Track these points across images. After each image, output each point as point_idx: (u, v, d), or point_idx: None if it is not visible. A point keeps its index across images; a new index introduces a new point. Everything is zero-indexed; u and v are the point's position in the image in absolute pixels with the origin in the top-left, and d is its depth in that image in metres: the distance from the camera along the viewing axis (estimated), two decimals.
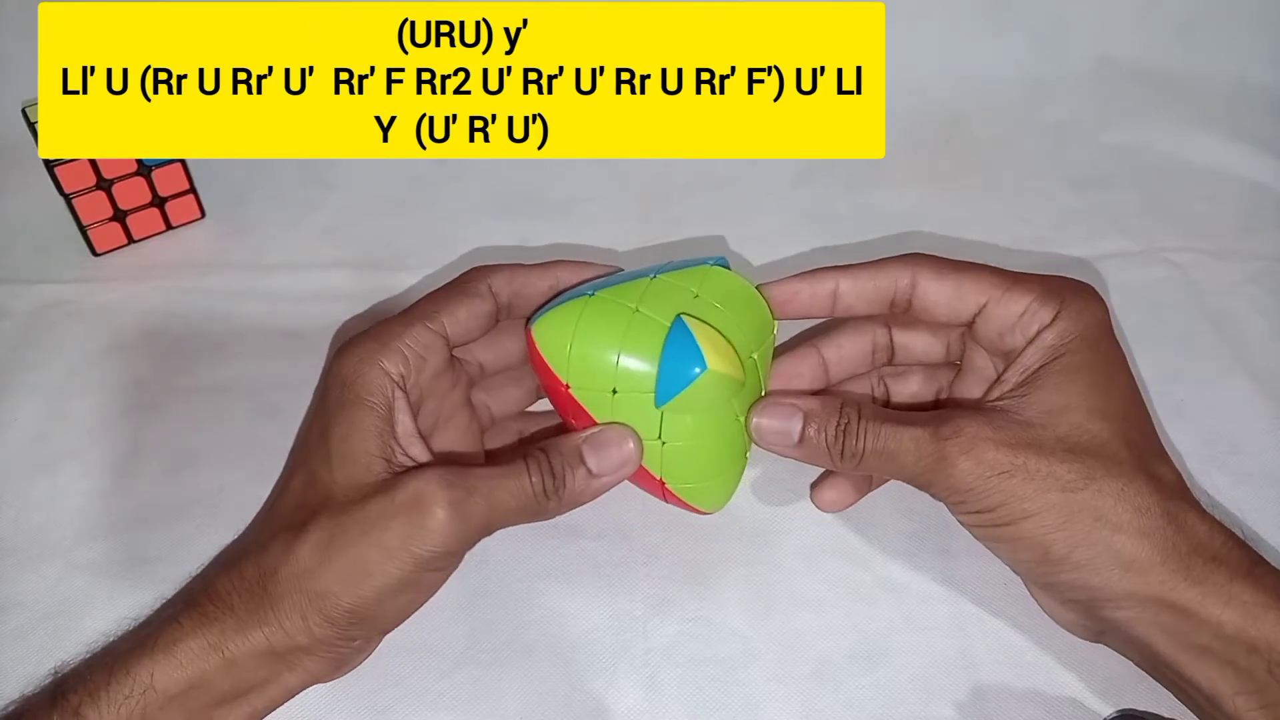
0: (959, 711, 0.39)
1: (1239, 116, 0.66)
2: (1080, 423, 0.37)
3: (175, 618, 0.36)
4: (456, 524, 0.35)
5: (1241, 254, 0.58)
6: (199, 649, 0.35)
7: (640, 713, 0.39)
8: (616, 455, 0.38)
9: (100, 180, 0.55)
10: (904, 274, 0.40)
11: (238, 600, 0.35)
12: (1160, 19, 0.69)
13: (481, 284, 0.41)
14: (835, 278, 0.41)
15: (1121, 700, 0.39)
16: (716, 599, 0.43)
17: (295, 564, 0.35)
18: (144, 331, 0.53)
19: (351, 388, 0.37)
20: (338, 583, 0.34)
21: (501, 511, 0.36)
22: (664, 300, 0.39)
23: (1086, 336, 0.38)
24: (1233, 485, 0.46)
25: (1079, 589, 0.36)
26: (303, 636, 0.35)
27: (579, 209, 0.61)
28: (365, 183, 0.62)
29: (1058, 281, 0.40)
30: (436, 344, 0.39)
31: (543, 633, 0.42)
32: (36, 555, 0.44)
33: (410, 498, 0.34)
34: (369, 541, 0.34)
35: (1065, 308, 0.38)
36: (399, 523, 0.34)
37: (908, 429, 0.37)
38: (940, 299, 0.40)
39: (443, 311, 0.40)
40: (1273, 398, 0.50)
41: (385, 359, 0.38)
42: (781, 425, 0.38)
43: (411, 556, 0.34)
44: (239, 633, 0.35)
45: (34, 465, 0.47)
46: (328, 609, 0.35)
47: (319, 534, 0.35)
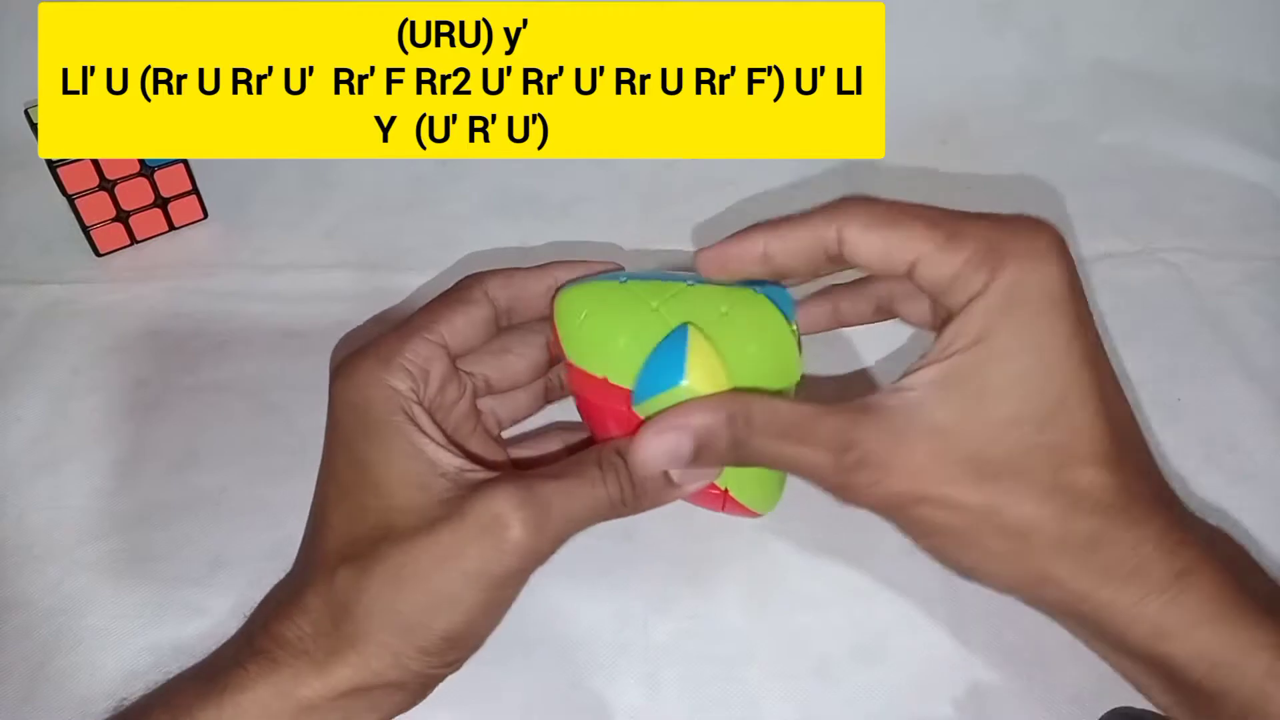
0: (957, 709, 0.39)
1: (1236, 117, 0.66)
2: (994, 435, 0.32)
3: (240, 664, 0.34)
4: (534, 540, 0.33)
5: (1239, 254, 0.58)
6: (269, 696, 0.33)
7: (640, 710, 0.40)
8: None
9: (103, 181, 0.55)
10: (829, 227, 0.35)
11: (311, 644, 0.33)
12: (1158, 20, 0.69)
13: (477, 290, 0.39)
14: (763, 237, 0.36)
15: (1118, 698, 0.39)
16: (717, 597, 0.43)
17: (370, 600, 0.33)
18: (146, 331, 0.53)
19: (369, 411, 0.36)
20: (423, 614, 0.33)
21: (577, 521, 0.34)
22: (688, 307, 0.37)
23: (1020, 315, 0.33)
24: (1230, 485, 0.46)
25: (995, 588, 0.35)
26: (393, 672, 0.33)
27: (579, 209, 0.61)
28: (367, 183, 0.62)
29: (1004, 232, 0.33)
30: (437, 355, 0.38)
31: (544, 630, 0.42)
32: (39, 554, 0.44)
33: (484, 519, 0.33)
34: (448, 569, 0.33)
35: (1001, 272, 0.33)
36: (476, 546, 0.33)
37: (804, 449, 0.33)
38: (870, 255, 0.35)
39: (440, 321, 0.38)
40: (1270, 397, 0.50)
41: (390, 376, 0.36)
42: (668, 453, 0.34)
43: (492, 578, 0.33)
44: (316, 676, 0.33)
45: (37, 464, 0.47)
46: (420, 641, 0.33)
47: (389, 566, 0.33)
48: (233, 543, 0.44)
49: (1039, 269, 0.33)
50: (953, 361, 0.33)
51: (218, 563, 0.44)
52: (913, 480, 0.32)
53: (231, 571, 0.43)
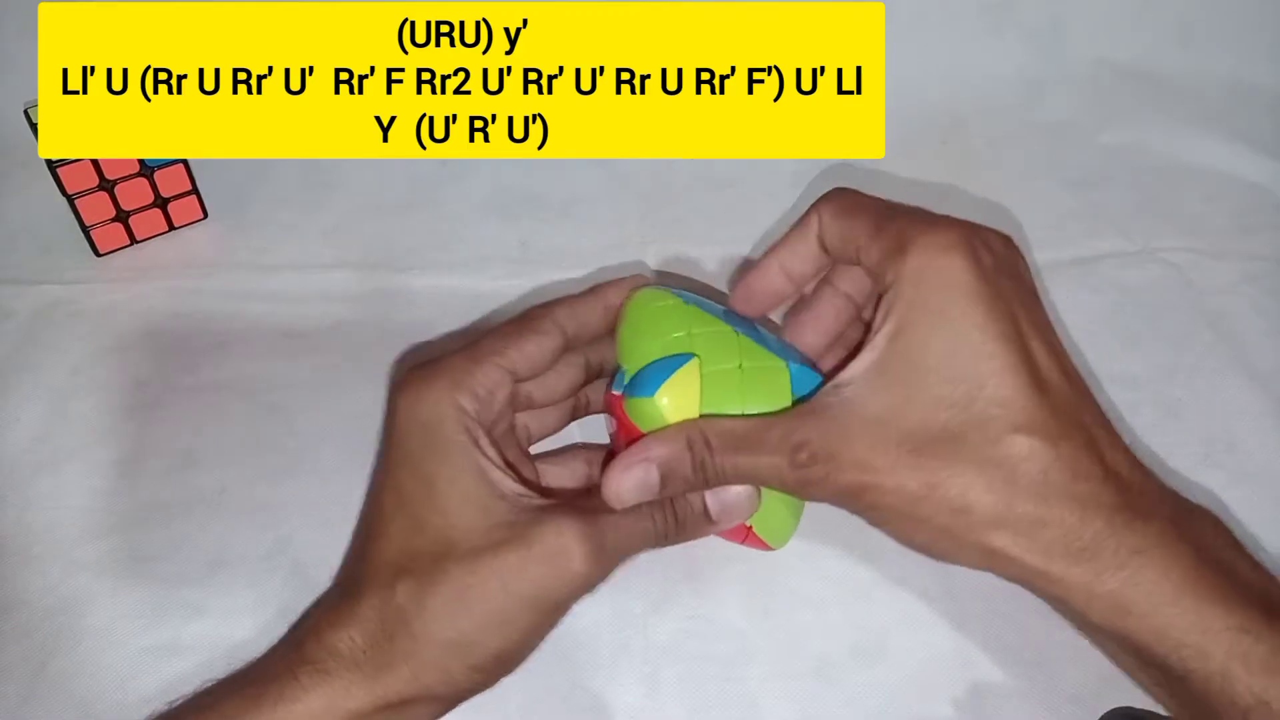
0: (957, 709, 0.39)
1: (1236, 117, 0.66)
2: (924, 417, 0.34)
3: (291, 673, 0.34)
4: (592, 571, 0.35)
5: (1238, 254, 0.58)
6: (320, 708, 0.33)
7: (640, 710, 0.40)
8: (735, 504, 0.38)
9: (103, 181, 0.55)
10: (813, 218, 0.39)
11: (362, 656, 0.34)
12: (1157, 20, 0.69)
13: (546, 320, 0.40)
14: (774, 258, 0.40)
15: (1119, 698, 0.39)
16: (716, 597, 0.43)
17: (429, 616, 0.34)
18: (146, 332, 0.53)
19: (438, 430, 0.36)
20: (481, 632, 0.34)
21: (627, 553, 0.36)
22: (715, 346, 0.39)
23: (931, 300, 0.34)
24: (1229, 484, 0.46)
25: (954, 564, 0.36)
26: (441, 687, 0.34)
27: (579, 209, 0.61)
28: (367, 184, 0.62)
29: (916, 228, 0.35)
30: (504, 380, 0.38)
31: None
32: (39, 554, 0.44)
33: (551, 548, 0.34)
34: (508, 592, 0.34)
35: (904, 264, 0.35)
36: (539, 572, 0.34)
37: (761, 456, 0.35)
38: (832, 241, 0.38)
39: (512, 348, 0.39)
40: (1269, 397, 0.50)
41: (461, 397, 0.37)
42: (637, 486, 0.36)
43: (549, 604, 0.35)
44: (365, 689, 0.33)
45: (36, 464, 0.47)
46: (473, 659, 0.34)
47: (451, 585, 0.34)
48: (232, 543, 0.44)
49: (940, 260, 0.34)
50: (879, 351, 0.35)
51: (217, 563, 0.44)
52: (859, 469, 0.34)
53: (231, 571, 0.43)
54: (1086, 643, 0.40)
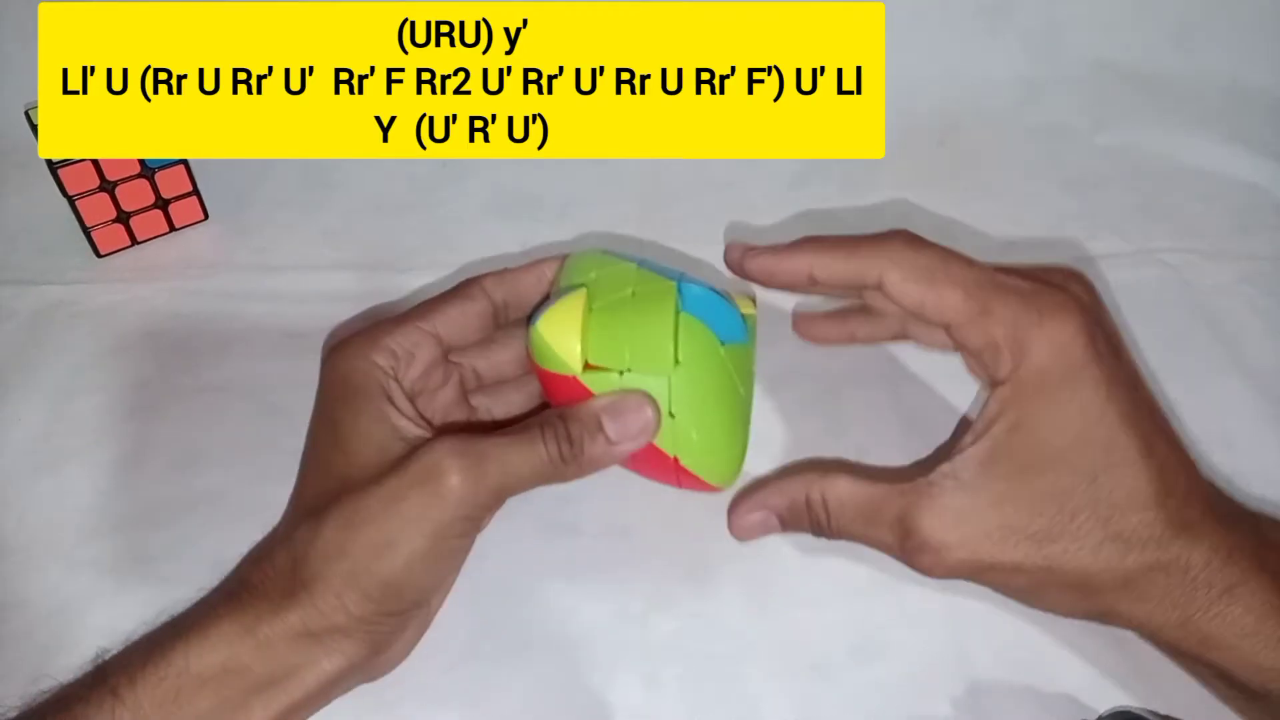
0: (955, 708, 0.40)
1: (1233, 118, 0.66)
2: (1041, 507, 0.36)
3: (211, 606, 0.37)
4: (471, 489, 0.35)
5: (1235, 255, 0.58)
6: (232, 632, 0.35)
7: (639, 709, 0.40)
8: (635, 421, 0.38)
9: (103, 182, 0.55)
10: (873, 267, 0.38)
11: (270, 586, 0.36)
12: (1155, 21, 0.69)
13: (475, 287, 0.42)
14: (810, 257, 0.40)
15: (1119, 698, 0.39)
16: (715, 596, 0.43)
17: (322, 545, 0.35)
18: (147, 332, 0.53)
19: (347, 381, 0.39)
20: (365, 557, 0.35)
21: (516, 476, 0.37)
22: (612, 278, 0.40)
23: (1052, 391, 0.36)
24: (1226, 484, 0.46)
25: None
26: (339, 615, 0.35)
27: (579, 209, 0.61)
28: (367, 184, 0.62)
29: (1032, 311, 0.36)
30: (425, 341, 0.40)
31: (543, 629, 0.42)
32: (40, 555, 0.44)
33: (424, 468, 0.35)
34: (389, 514, 0.35)
35: (1026, 358, 0.36)
36: (415, 493, 0.35)
37: (875, 531, 0.38)
38: (908, 304, 0.38)
39: (434, 312, 0.41)
40: (1266, 397, 0.50)
41: (374, 353, 0.39)
42: (759, 525, 0.41)
43: (431, 525, 0.35)
44: (273, 615, 0.35)
45: (37, 465, 0.47)
46: (361, 584, 0.35)
47: (340, 514, 0.36)
48: (233, 544, 0.44)
49: (1062, 358, 0.36)
50: (994, 442, 0.37)
51: (218, 564, 0.43)
52: (973, 554, 0.37)
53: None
54: (1086, 643, 0.41)
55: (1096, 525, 0.36)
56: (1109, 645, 0.40)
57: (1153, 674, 0.40)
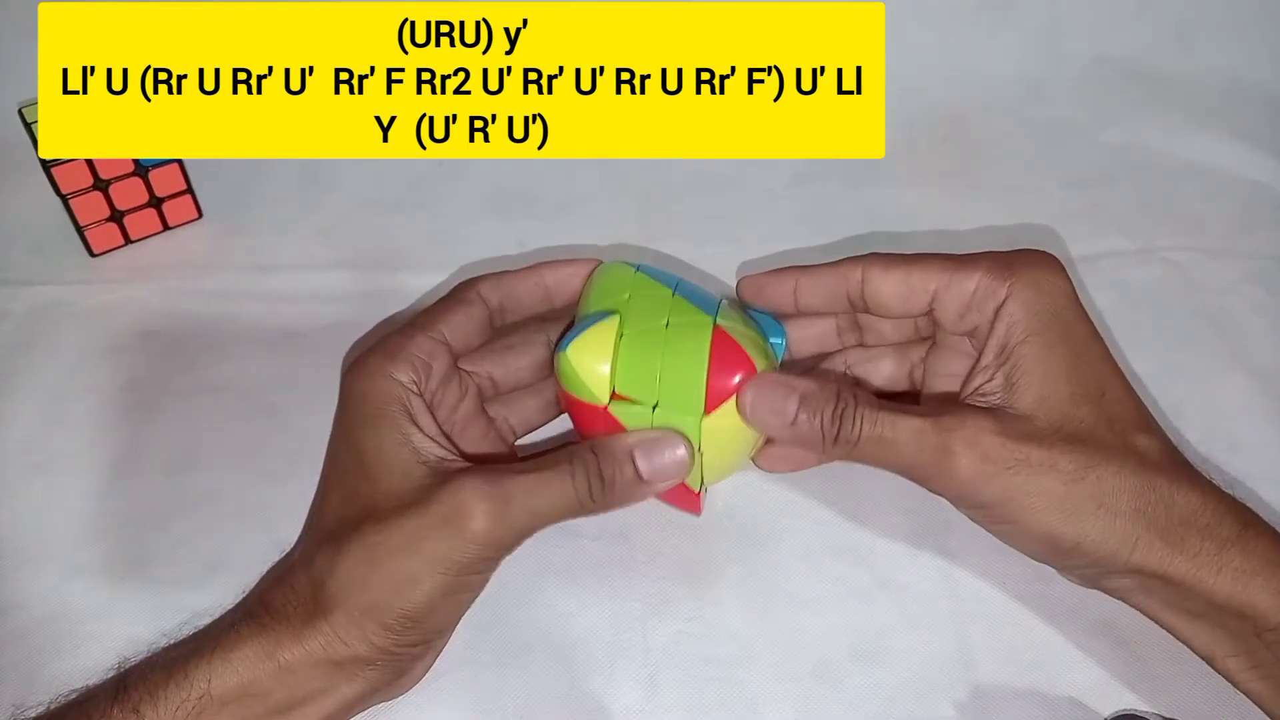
0: (958, 711, 0.39)
1: (1236, 115, 0.66)
2: (1068, 411, 0.37)
3: (233, 625, 0.36)
4: (495, 531, 0.35)
5: (1239, 253, 0.58)
6: (254, 656, 0.35)
7: (639, 712, 0.39)
8: (669, 459, 0.38)
9: (97, 181, 0.54)
10: (854, 270, 0.41)
11: (291, 610, 0.36)
12: (1157, 18, 0.69)
13: (471, 292, 0.42)
14: (795, 276, 0.42)
15: (1122, 700, 0.39)
16: (715, 598, 0.43)
17: (343, 575, 0.35)
18: (142, 332, 0.53)
19: (369, 401, 0.38)
20: (386, 592, 0.35)
21: (542, 516, 0.36)
22: (647, 306, 0.40)
23: (1048, 309, 0.38)
24: (1231, 484, 0.46)
25: (1083, 567, 0.38)
26: (360, 645, 0.35)
27: (579, 209, 0.61)
28: (364, 183, 0.62)
29: (1007, 255, 0.40)
30: (439, 351, 0.40)
31: (542, 632, 0.42)
32: (35, 556, 0.44)
33: (449, 508, 0.35)
34: (411, 552, 0.35)
35: (1018, 280, 0.38)
36: (439, 533, 0.35)
37: (907, 418, 0.37)
38: (891, 292, 0.40)
39: (440, 320, 0.40)
40: (1270, 396, 0.50)
41: (394, 369, 0.38)
42: (776, 405, 0.38)
43: (454, 564, 0.35)
44: (294, 640, 0.35)
45: (32, 466, 0.47)
46: (382, 617, 0.35)
47: (362, 545, 0.35)
48: (229, 545, 0.44)
49: (1047, 276, 0.39)
50: (1011, 361, 0.38)
51: (214, 565, 0.43)
52: (1013, 445, 0.36)
53: (228, 574, 0.43)
54: (1087, 644, 0.40)
55: (1114, 437, 0.37)
56: (1114, 647, 0.40)
57: (1158, 676, 0.40)
